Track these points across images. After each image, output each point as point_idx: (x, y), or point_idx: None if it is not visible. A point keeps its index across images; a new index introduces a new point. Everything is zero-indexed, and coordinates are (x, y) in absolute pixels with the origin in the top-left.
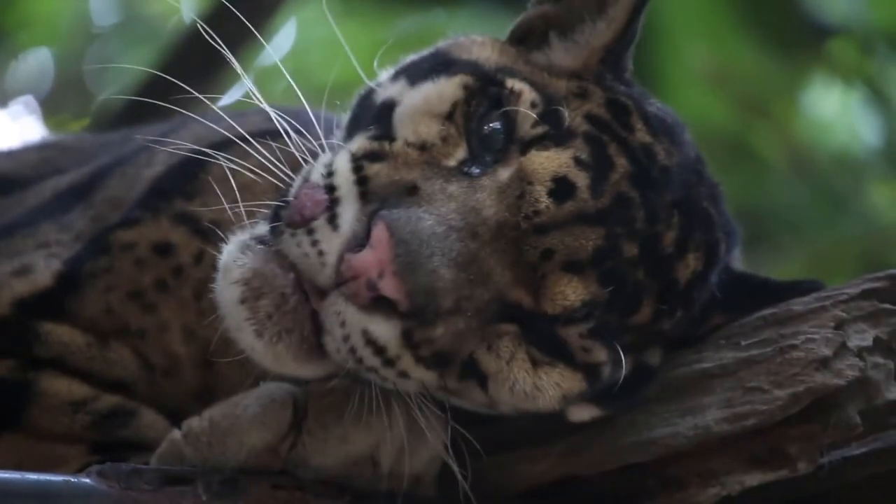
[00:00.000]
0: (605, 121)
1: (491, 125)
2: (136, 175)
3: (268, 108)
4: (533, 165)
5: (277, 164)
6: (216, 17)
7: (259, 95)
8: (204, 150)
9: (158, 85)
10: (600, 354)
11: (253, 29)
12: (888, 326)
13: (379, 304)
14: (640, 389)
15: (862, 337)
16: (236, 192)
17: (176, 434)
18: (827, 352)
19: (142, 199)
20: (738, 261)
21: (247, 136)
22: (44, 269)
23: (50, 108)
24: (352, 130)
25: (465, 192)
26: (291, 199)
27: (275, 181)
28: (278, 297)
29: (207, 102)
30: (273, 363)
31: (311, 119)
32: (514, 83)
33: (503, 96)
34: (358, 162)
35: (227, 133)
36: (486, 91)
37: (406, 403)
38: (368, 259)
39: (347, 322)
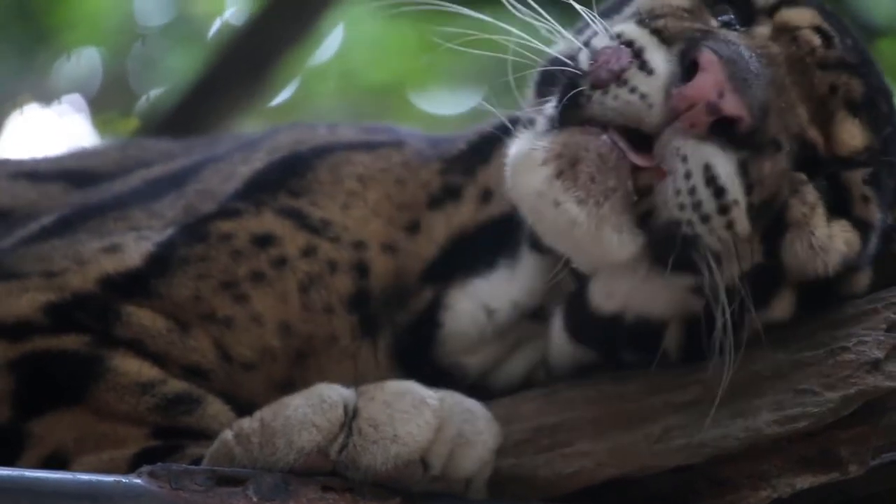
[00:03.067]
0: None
1: (725, 17)
2: (232, 171)
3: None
4: (789, 17)
5: None
6: (263, 19)
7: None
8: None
9: (206, 86)
10: (874, 212)
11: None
12: None
13: (716, 131)
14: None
15: None
16: (344, 195)
17: (227, 434)
18: (878, 354)
19: (241, 191)
20: None
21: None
22: (134, 250)
23: (97, 107)
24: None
25: (744, 37)
26: (587, 66)
27: (384, 189)
28: (597, 157)
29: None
30: (595, 232)
31: None
32: None
33: None
34: (641, 21)
35: (327, 139)
36: None
37: (457, 404)
38: (706, 82)
39: (689, 156)
